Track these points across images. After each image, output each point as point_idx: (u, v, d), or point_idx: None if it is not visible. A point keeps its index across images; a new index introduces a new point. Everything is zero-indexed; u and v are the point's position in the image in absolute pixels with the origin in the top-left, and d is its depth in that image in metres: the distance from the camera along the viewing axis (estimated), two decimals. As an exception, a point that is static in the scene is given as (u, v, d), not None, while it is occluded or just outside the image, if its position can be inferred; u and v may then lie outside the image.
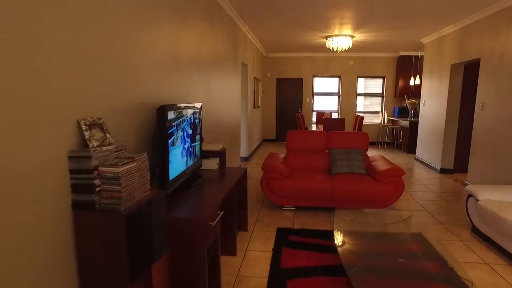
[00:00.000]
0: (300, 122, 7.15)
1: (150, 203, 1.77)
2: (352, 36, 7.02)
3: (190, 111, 2.79)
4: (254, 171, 6.28)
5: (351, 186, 3.95)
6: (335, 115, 10.10)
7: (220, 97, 4.64)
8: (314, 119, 10.08)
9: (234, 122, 5.80)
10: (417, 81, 8.30)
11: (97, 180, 1.60)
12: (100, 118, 1.80)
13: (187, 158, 2.75)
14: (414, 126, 8.36)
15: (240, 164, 6.47)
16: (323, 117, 8.11)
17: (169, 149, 2.28)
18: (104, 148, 1.69)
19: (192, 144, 2.88)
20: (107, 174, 1.61)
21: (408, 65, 9.20)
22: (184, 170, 2.64)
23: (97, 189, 1.61)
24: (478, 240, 3.35)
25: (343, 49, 7.17)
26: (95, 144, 1.66)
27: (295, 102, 10.23)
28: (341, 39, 6.93)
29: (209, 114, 4.11)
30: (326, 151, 4.66)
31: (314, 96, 10.19)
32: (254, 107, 8.09)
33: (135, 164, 1.73)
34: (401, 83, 9.36)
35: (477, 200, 3.32)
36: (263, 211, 4.14)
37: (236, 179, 2.97)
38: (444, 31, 6.24)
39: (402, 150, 8.90)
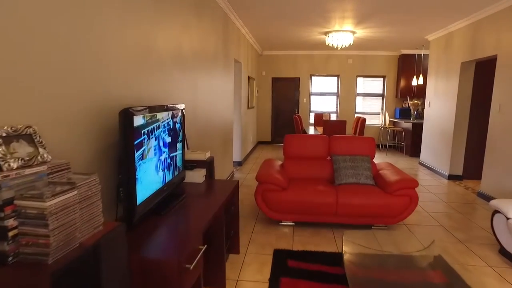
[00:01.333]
0: (298, 125, 6.66)
1: (99, 245, 1.26)
2: (354, 32, 6.54)
3: (167, 114, 2.27)
4: (248, 178, 5.77)
5: (358, 199, 3.45)
6: (333, 116, 9.62)
7: (209, 97, 4.12)
8: (312, 120, 9.60)
9: (226, 124, 5.29)
10: (421, 81, 7.86)
11: (11, 220, 1.09)
12: (29, 126, 1.28)
13: (165, 172, 2.24)
14: (417, 128, 7.91)
15: (232, 170, 5.96)
16: (322, 118, 7.63)
17: (137, 164, 1.77)
18: (29, 170, 1.18)
19: (171, 155, 2.37)
20: (28, 211, 1.10)
21: (411, 64, 8.75)
22: (160, 188, 2.13)
23: (12, 233, 1.09)
24: (509, 265, 2.87)
25: (344, 46, 6.69)
26: (13, 164, 1.14)
27: (291, 103, 9.74)
28: (342, 35, 6.45)
29: (196, 116, 3.60)
30: (328, 158, 4.17)
31: (312, 96, 9.71)
32: (248, 108, 7.59)
33: (75, 192, 1.21)
34: (402, 83, 8.92)
35: (508, 219, 2.84)
36: (258, 228, 3.63)
37: (225, 196, 2.46)
38: (453, 27, 5.79)
39: (404, 154, 8.44)
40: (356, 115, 9.61)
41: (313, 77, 9.64)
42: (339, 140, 4.10)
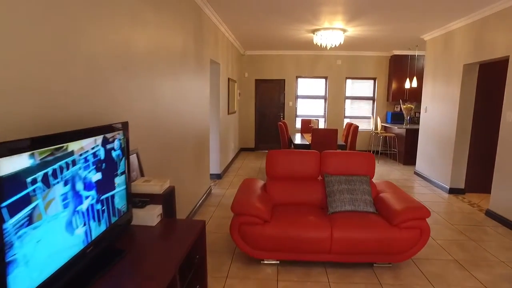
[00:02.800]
0: (283, 133, 5.99)
1: None
2: (344, 30, 5.92)
3: (93, 141, 1.56)
4: (227, 195, 5.07)
5: (357, 232, 2.80)
6: (321, 122, 9.01)
7: (176, 104, 3.41)
8: (299, 125, 8.97)
9: (201, 133, 4.58)
10: (414, 84, 7.31)
11: None
12: None
13: (89, 227, 1.52)
14: (411, 134, 7.37)
15: (210, 186, 5.25)
16: (309, 125, 6.99)
17: (13, 238, 1.05)
18: None
19: (102, 197, 1.66)
20: None
21: (403, 66, 8.21)
22: (79, 253, 1.42)
23: None
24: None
25: (333, 46, 6.06)
26: None
27: (276, 106, 9.08)
28: (331, 33, 5.82)
29: (157, 129, 2.88)
30: (320, 177, 3.52)
31: (298, 99, 9.07)
32: (228, 113, 6.89)
33: None
34: (394, 85, 8.37)
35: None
36: (234, 269, 2.93)
37: (186, 245, 1.76)
38: (452, 25, 5.23)
39: (397, 162, 7.89)
40: (345, 119, 9.03)
41: (299, 79, 9.01)
42: (332, 157, 3.45)
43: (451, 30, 5.39)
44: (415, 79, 7.30)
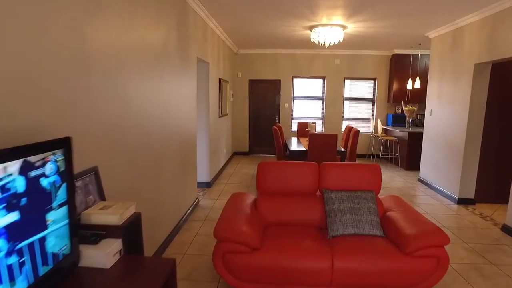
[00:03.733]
0: (278, 138, 5.54)
1: None
2: (344, 27, 5.49)
3: (2, 169, 1.10)
4: (216, 207, 4.62)
5: (363, 262, 2.36)
6: (319, 124, 8.57)
7: (153, 108, 2.95)
8: (295, 127, 8.53)
9: (187, 139, 4.13)
10: (417, 85, 6.90)
11: None
12: None
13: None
14: (414, 138, 6.95)
15: (197, 197, 4.79)
16: (306, 129, 6.54)
17: None
18: None
19: (19, 246, 1.20)
20: None
21: (405, 65, 7.79)
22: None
23: None
24: None
25: (332, 44, 5.63)
26: None
27: (271, 108, 8.63)
28: (330, 30, 5.38)
29: (126, 140, 2.41)
30: (318, 193, 3.08)
31: (294, 100, 8.63)
32: (220, 116, 6.44)
33: None
34: (395, 86, 7.95)
35: None
36: (218, 304, 2.49)
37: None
38: (463, 21, 4.81)
39: (399, 167, 7.46)
40: (344, 122, 8.60)
41: (296, 79, 8.56)
42: (332, 169, 3.00)
43: (460, 27, 4.97)
44: (417, 79, 6.88)
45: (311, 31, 5.62)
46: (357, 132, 5.35)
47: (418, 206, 4.77)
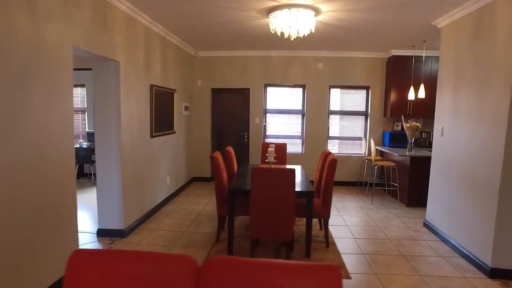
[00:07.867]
0: (219, 169, 3.78)
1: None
2: (316, 10, 3.83)
3: None
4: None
5: None
6: (298, 146, 6.84)
7: None
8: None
9: (54, 177, 2.42)
10: (421, 94, 5.21)
11: None
12: None
13: None
14: (418, 163, 5.23)
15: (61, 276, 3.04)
16: (266, 154, 4.74)
17: None
18: None
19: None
20: None
21: (405, 70, 6.10)
22: None
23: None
24: None
25: (299, 36, 3.95)
26: None
27: (239, 124, 6.93)
28: (296, 13, 3.72)
29: None
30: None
31: (267, 114, 6.93)
32: (154, 135, 4.75)
33: None
34: (393, 96, 6.26)
35: None
36: None
37: None
38: (491, -5, 3.15)
39: (398, 201, 5.70)
40: (329, 141, 6.88)
41: (269, 88, 6.89)
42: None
43: (487, 4, 3.30)
44: (422, 87, 5.20)
45: (268, 16, 3.96)
46: (333, 161, 3.61)
47: (423, 277, 3.00)
